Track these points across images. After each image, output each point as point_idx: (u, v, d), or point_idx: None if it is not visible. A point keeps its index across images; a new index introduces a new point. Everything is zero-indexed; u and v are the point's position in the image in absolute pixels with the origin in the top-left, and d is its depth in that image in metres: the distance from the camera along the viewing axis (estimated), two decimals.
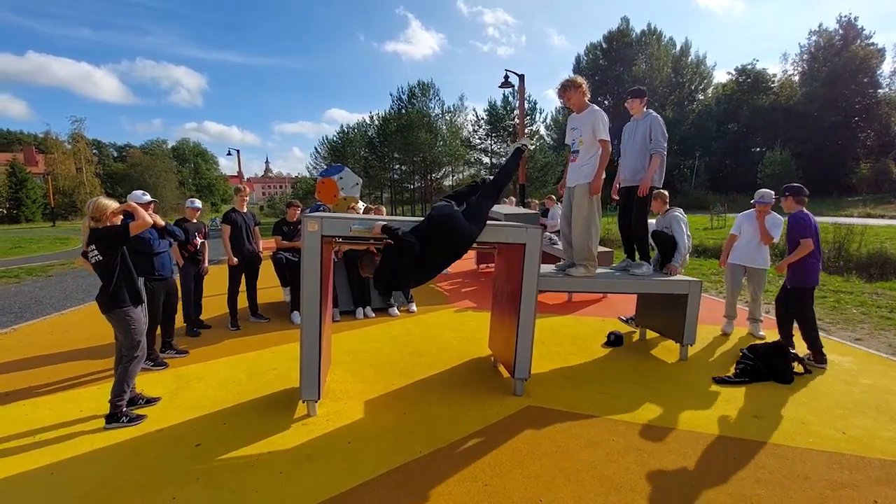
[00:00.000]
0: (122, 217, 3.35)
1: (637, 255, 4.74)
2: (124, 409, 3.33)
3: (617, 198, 4.86)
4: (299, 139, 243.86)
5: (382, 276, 3.10)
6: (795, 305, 4.29)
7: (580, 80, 3.99)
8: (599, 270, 4.46)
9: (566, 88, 3.97)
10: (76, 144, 51.57)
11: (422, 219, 3.30)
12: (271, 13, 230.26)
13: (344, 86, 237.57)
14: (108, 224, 3.27)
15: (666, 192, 4.95)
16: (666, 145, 4.34)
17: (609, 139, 3.90)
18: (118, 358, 3.39)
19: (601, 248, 5.55)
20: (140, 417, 3.35)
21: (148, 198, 4.41)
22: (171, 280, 4.61)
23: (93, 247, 3.24)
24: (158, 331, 4.60)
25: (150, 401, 3.60)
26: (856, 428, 3.08)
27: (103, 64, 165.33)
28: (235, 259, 5.59)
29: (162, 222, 4.36)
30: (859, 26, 34.45)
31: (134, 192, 4.46)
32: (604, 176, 3.95)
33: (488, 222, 3.40)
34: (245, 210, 5.82)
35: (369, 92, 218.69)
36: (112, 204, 3.34)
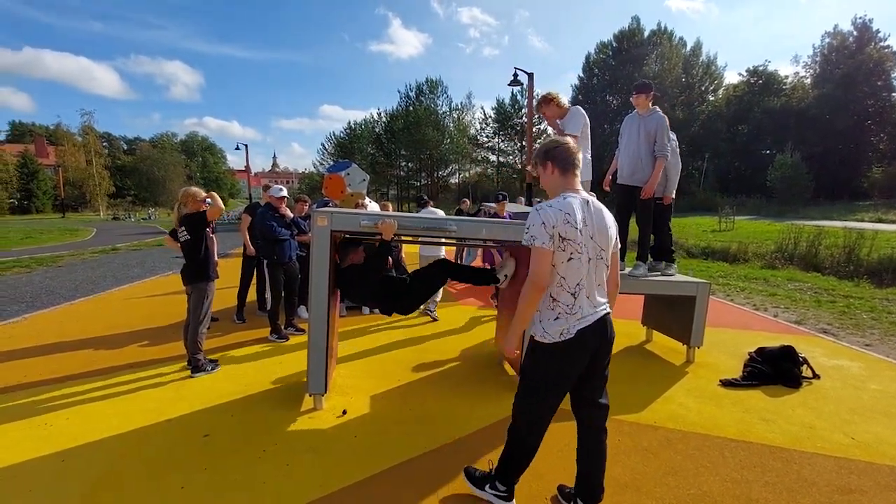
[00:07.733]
0: (207, 203, 3.90)
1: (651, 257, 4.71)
2: (202, 361, 3.99)
3: (608, 189, 4.85)
4: (298, 135, 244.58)
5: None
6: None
7: (553, 93, 4.14)
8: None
9: (541, 105, 4.14)
10: (86, 137, 52.09)
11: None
12: (260, 8, 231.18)
13: (335, 83, 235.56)
14: (195, 210, 3.86)
15: None
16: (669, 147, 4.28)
17: (577, 134, 3.92)
18: (188, 323, 4.02)
19: None
20: (216, 364, 4.10)
21: (284, 192, 5.13)
22: (291, 265, 5.05)
23: (182, 228, 3.84)
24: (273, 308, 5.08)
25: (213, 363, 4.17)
26: (865, 433, 3.05)
27: (100, 60, 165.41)
28: (254, 248, 5.67)
29: (291, 214, 5.15)
30: (874, 28, 33.90)
31: (274, 186, 5.21)
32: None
33: (496, 220, 3.44)
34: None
35: (360, 90, 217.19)
36: (200, 192, 3.97)
